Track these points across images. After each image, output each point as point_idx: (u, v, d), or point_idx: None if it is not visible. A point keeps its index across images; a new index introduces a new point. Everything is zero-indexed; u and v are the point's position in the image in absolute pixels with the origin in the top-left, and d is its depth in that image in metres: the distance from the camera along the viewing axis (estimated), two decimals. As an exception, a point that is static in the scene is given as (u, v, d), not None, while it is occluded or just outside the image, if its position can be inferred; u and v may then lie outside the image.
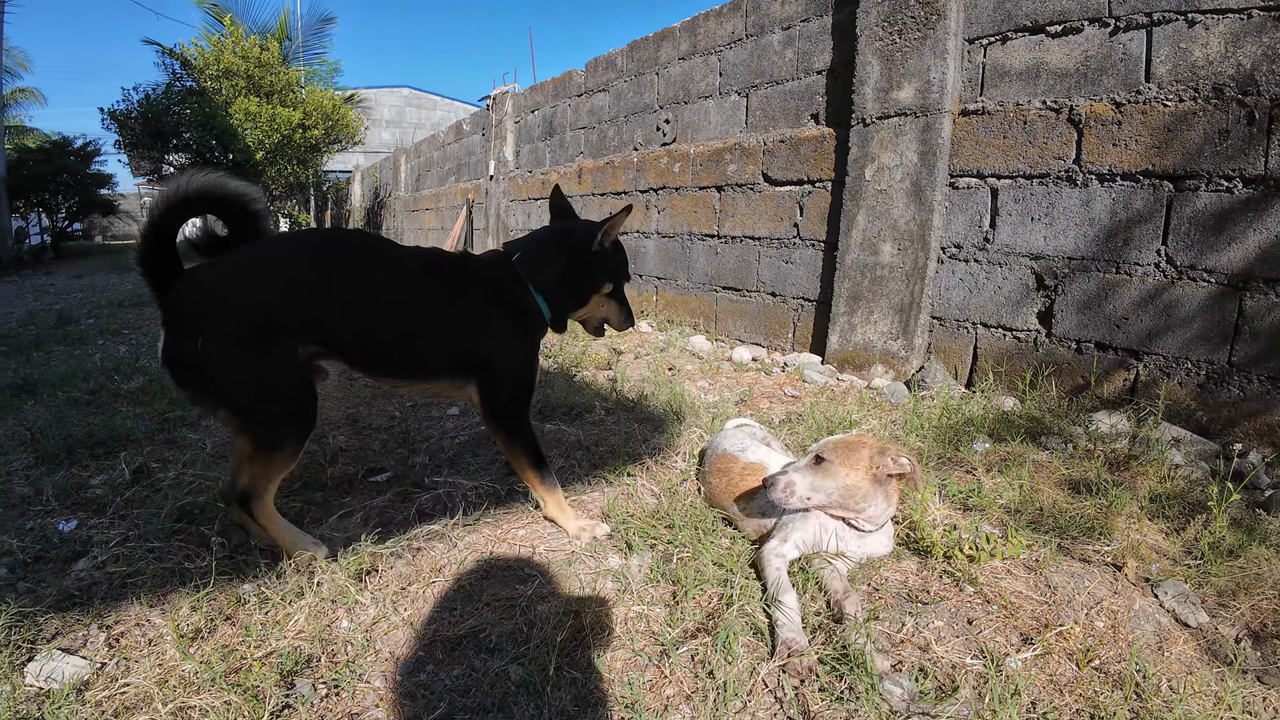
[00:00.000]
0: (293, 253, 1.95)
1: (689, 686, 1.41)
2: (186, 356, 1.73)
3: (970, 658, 1.50)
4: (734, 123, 5.07)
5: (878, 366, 3.80)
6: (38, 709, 1.33)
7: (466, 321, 2.02)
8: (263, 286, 1.80)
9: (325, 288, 1.86)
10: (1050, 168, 3.23)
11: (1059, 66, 3.21)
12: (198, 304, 1.76)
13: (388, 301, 1.94)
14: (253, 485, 1.79)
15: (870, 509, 1.81)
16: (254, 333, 1.74)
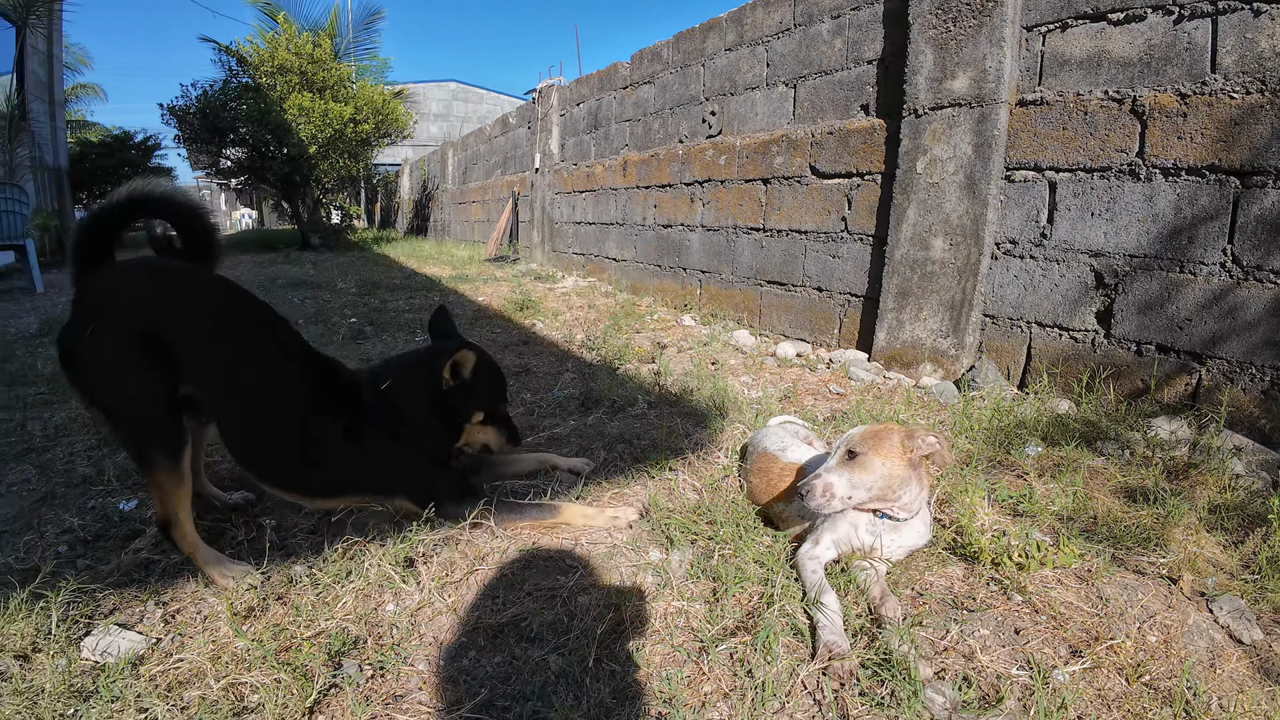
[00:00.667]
0: (212, 299, 1.89)
1: (727, 684, 1.40)
2: (71, 344, 1.73)
3: (1016, 668, 1.46)
4: (781, 114, 5.00)
5: (926, 365, 3.72)
6: (93, 682, 1.39)
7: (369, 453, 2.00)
8: (163, 309, 1.77)
9: (219, 352, 1.83)
10: (1112, 161, 3.10)
11: (1121, 55, 3.08)
12: (98, 300, 1.75)
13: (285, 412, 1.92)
14: (163, 513, 1.76)
15: (905, 495, 1.77)
16: (137, 345, 1.71)
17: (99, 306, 1.74)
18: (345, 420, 1.96)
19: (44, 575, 1.69)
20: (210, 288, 1.90)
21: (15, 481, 2.38)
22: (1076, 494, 2.20)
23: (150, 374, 1.72)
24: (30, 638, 1.50)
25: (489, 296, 6.88)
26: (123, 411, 1.73)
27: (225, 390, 1.84)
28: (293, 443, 1.92)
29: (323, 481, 1.97)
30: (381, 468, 2.00)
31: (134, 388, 1.72)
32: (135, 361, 1.70)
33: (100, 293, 1.76)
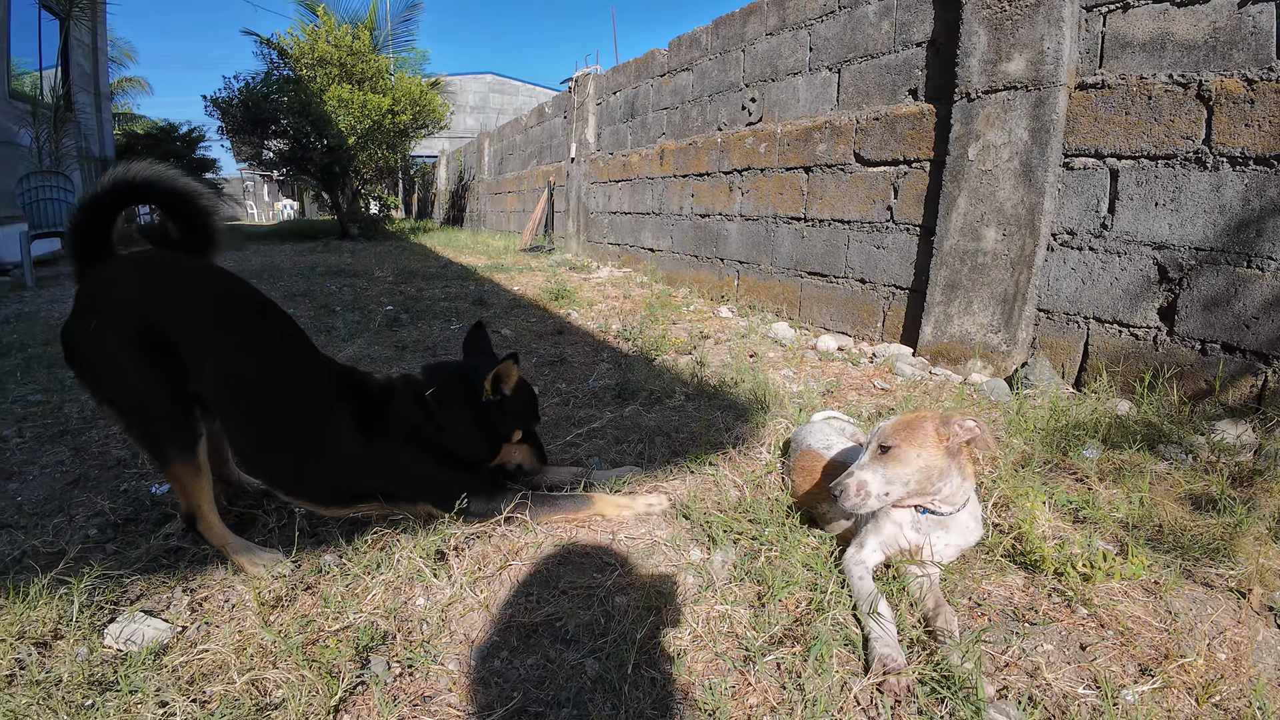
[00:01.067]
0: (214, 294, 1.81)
1: (774, 698, 1.31)
2: (74, 339, 1.68)
3: (1083, 687, 1.36)
4: (824, 100, 4.85)
5: (975, 361, 3.56)
6: (113, 672, 1.35)
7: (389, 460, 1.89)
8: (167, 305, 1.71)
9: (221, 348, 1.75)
10: (1177, 148, 2.92)
11: (1185, 38, 2.90)
12: (100, 294, 1.69)
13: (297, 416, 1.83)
14: (186, 507, 1.73)
15: (946, 487, 1.66)
16: (141, 341, 1.66)
17: (99, 301, 1.69)
18: (360, 423, 1.85)
19: (69, 560, 1.67)
20: (209, 282, 1.81)
21: (49, 464, 2.38)
22: (1142, 500, 2.06)
23: (155, 369, 1.66)
24: (52, 624, 1.47)
25: (524, 286, 6.84)
26: (132, 408, 1.68)
27: (226, 390, 1.75)
28: (301, 447, 1.83)
29: (336, 487, 1.87)
30: (403, 473, 1.90)
31: (140, 383, 1.66)
32: (139, 357, 1.65)
33: (100, 287, 1.70)
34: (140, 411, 1.68)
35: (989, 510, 1.96)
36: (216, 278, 1.82)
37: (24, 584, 1.55)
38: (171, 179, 1.77)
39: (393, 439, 1.88)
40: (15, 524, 1.96)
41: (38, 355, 3.72)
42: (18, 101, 10.09)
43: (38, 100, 10.61)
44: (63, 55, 11.72)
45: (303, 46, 15.08)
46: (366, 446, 1.84)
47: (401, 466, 1.90)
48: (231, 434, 1.85)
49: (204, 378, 1.71)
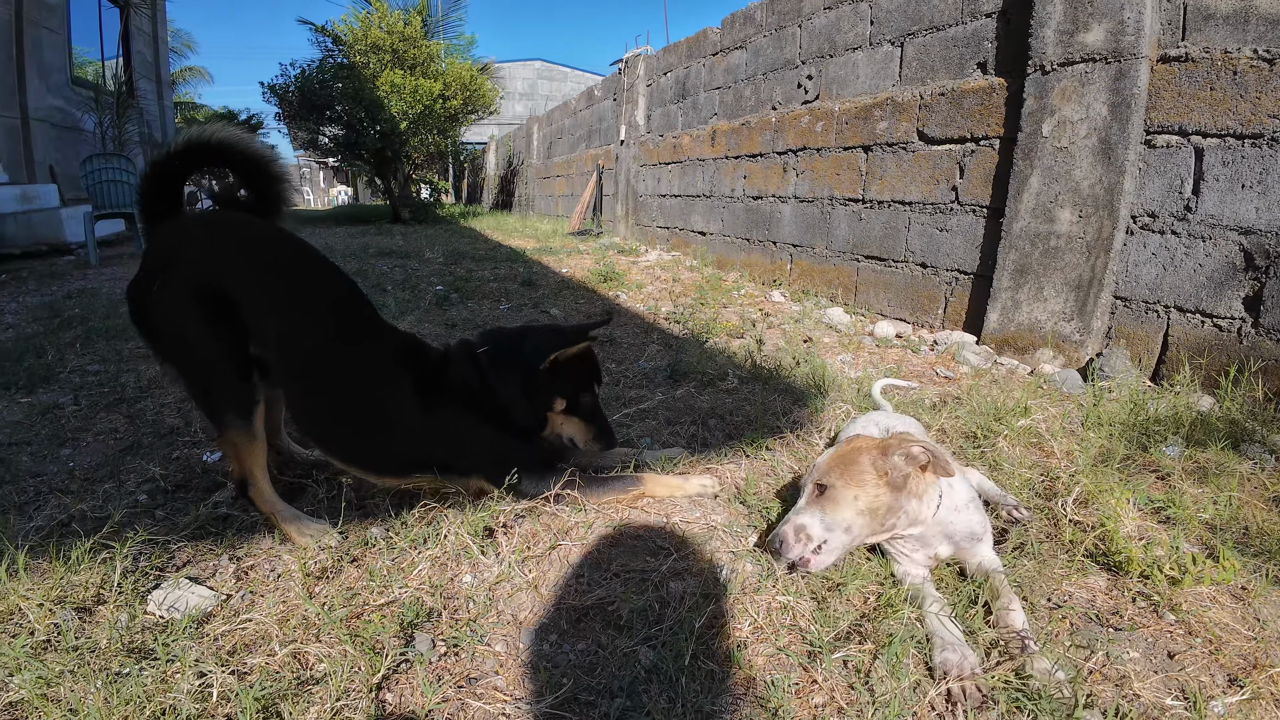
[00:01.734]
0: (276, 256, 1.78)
1: (842, 698, 1.22)
2: (139, 297, 1.68)
3: (1171, 698, 1.26)
4: (885, 76, 4.65)
5: (1045, 350, 3.37)
6: (153, 640, 1.32)
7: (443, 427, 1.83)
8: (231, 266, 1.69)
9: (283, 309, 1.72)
10: (1264, 127, 2.71)
11: (1270, 12, 2.70)
12: (167, 254, 1.69)
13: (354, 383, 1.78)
14: (238, 472, 1.71)
15: (902, 520, 1.48)
16: (205, 302, 1.64)
17: (166, 260, 1.68)
18: (420, 390, 1.81)
19: (114, 525, 1.66)
20: (277, 244, 1.79)
21: (103, 430, 2.41)
22: (1231, 501, 1.92)
23: (217, 331, 1.65)
24: (95, 589, 1.45)
25: (572, 268, 6.79)
26: (192, 370, 1.68)
27: (289, 353, 1.72)
28: (360, 414, 1.79)
29: (392, 457, 1.83)
30: (458, 445, 1.84)
31: (202, 346, 1.65)
32: (202, 319, 1.63)
33: (167, 246, 1.71)
34: (200, 374, 1.67)
35: (1069, 506, 1.83)
36: (284, 241, 1.81)
37: (68, 548, 1.54)
38: (247, 142, 1.77)
39: (450, 407, 1.82)
40: (66, 489, 1.97)
41: (98, 328, 3.81)
42: (80, 88, 10.43)
43: (100, 87, 10.96)
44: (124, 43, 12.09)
45: (356, 33, 15.26)
46: (425, 414, 1.79)
47: (457, 435, 1.84)
48: (290, 398, 1.83)
49: (266, 340, 1.69)
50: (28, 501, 1.90)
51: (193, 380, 1.69)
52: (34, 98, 9.07)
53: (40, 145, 9.18)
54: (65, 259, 7.54)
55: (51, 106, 9.53)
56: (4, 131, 8.66)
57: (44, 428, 2.43)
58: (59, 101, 9.75)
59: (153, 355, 1.74)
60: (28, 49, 8.98)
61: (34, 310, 4.51)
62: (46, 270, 6.56)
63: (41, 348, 3.36)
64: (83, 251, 7.57)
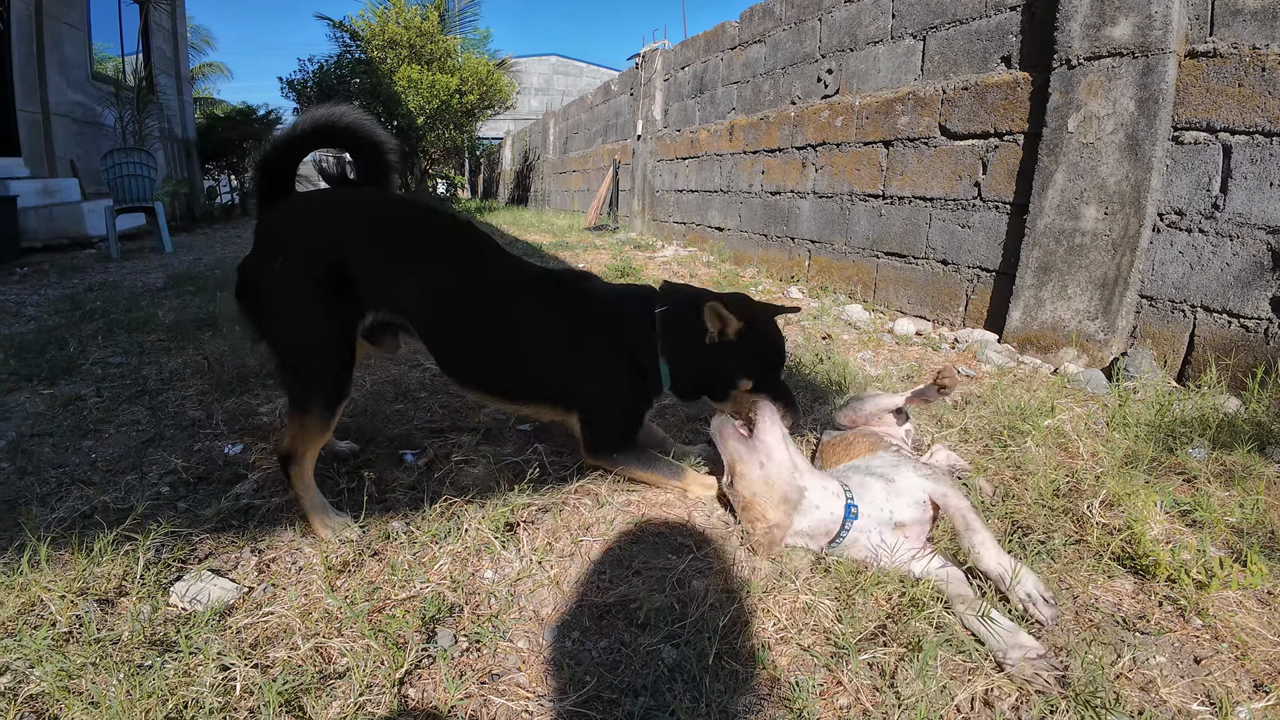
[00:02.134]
0: (409, 218, 1.84)
1: (868, 700, 1.20)
2: (251, 274, 1.70)
3: (1197, 703, 1.25)
4: (907, 70, 4.60)
5: (1069, 350, 3.33)
6: (175, 632, 1.32)
7: (576, 360, 1.89)
8: (355, 236, 1.71)
9: (425, 267, 1.77)
10: (1293, 125, 2.66)
11: None
12: (286, 230, 1.71)
13: (497, 317, 1.86)
14: (290, 448, 1.70)
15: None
16: (323, 278, 1.66)
17: (285, 238, 1.69)
18: (555, 330, 1.88)
19: (136, 517, 1.67)
20: (407, 210, 1.86)
21: (125, 422, 2.42)
22: (1257, 504, 1.88)
23: (334, 318, 1.68)
24: (117, 581, 1.46)
25: (589, 263, 6.79)
26: (296, 354, 1.69)
27: (429, 303, 1.79)
28: (497, 349, 1.88)
29: (527, 385, 1.92)
30: (572, 379, 1.89)
31: (316, 332, 1.67)
32: (320, 302, 1.66)
33: (286, 224, 1.71)
34: (304, 360, 1.69)
35: (1095, 509, 1.80)
36: (413, 205, 1.89)
37: (90, 540, 1.55)
38: (371, 126, 1.81)
39: (593, 345, 1.89)
40: (88, 480, 1.99)
41: (119, 321, 3.84)
42: (100, 83, 10.52)
43: (120, 82, 11.05)
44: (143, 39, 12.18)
45: (373, 29, 15.34)
46: (553, 349, 1.88)
47: (586, 372, 1.89)
48: (432, 342, 1.85)
49: (400, 301, 1.76)
50: (50, 493, 1.91)
51: (291, 364, 1.70)
52: (55, 93, 9.16)
53: (61, 140, 9.28)
54: (86, 252, 7.63)
55: (72, 101, 9.62)
56: (26, 126, 8.76)
57: (66, 419, 2.45)
58: (79, 96, 9.85)
59: (251, 330, 1.75)
60: (48, 44, 9.07)
61: (56, 303, 4.56)
62: (68, 263, 6.64)
63: (63, 340, 3.40)
64: (104, 245, 7.65)
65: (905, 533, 1.58)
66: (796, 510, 1.57)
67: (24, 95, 8.75)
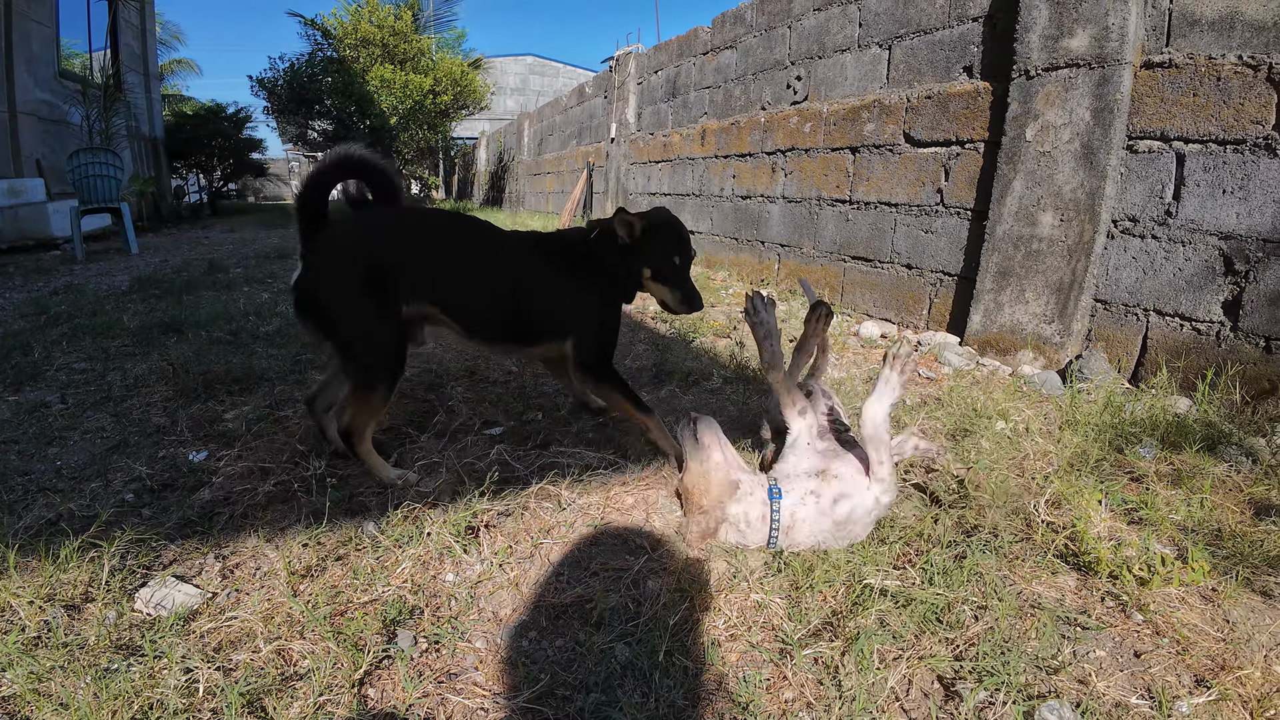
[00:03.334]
0: (422, 221, 2.31)
1: (811, 693, 1.25)
2: (309, 287, 2.02)
3: (1136, 697, 1.29)
4: (873, 78, 4.69)
5: (1026, 352, 3.42)
6: (141, 637, 1.34)
7: (567, 295, 2.26)
8: (386, 244, 2.08)
9: (441, 255, 2.14)
10: (1246, 133, 2.75)
11: (1255, 19, 2.73)
12: (331, 247, 2.05)
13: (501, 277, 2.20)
14: (351, 423, 2.02)
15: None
16: (368, 280, 2.00)
17: (333, 256, 2.04)
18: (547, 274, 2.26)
19: (102, 523, 1.68)
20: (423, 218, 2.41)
21: (90, 429, 2.41)
22: (1203, 503, 1.95)
23: (386, 309, 2.02)
24: (83, 587, 1.47)
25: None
26: (362, 344, 2.03)
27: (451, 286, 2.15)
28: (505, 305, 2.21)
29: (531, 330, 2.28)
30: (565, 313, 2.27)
31: (375, 323, 2.02)
32: (370, 298, 2.00)
33: (332, 244, 2.05)
34: (370, 348, 2.03)
35: (1041, 507, 1.87)
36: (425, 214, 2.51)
37: (57, 547, 1.56)
38: (376, 159, 2.17)
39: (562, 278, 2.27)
40: (53, 488, 1.98)
41: (85, 325, 3.80)
42: (67, 81, 10.35)
43: (87, 80, 10.87)
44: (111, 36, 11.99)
45: (346, 27, 15.22)
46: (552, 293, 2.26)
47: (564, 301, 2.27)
48: (457, 313, 2.19)
49: (428, 286, 2.11)
50: (16, 500, 1.91)
51: (357, 353, 2.03)
52: (21, 91, 9.00)
53: (27, 139, 9.11)
54: (51, 254, 7.50)
55: (39, 100, 9.46)
56: (-9, 125, 8.60)
57: (31, 426, 2.43)
58: (46, 95, 9.68)
59: (313, 336, 2.11)
60: (16, 42, 8.90)
61: (20, 306, 4.49)
62: (33, 265, 6.52)
63: (28, 345, 3.36)
64: (69, 246, 7.54)
65: (835, 473, 1.71)
66: (732, 499, 1.71)
67: (-11, 94, 8.59)
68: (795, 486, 1.71)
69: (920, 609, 1.44)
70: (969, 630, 1.41)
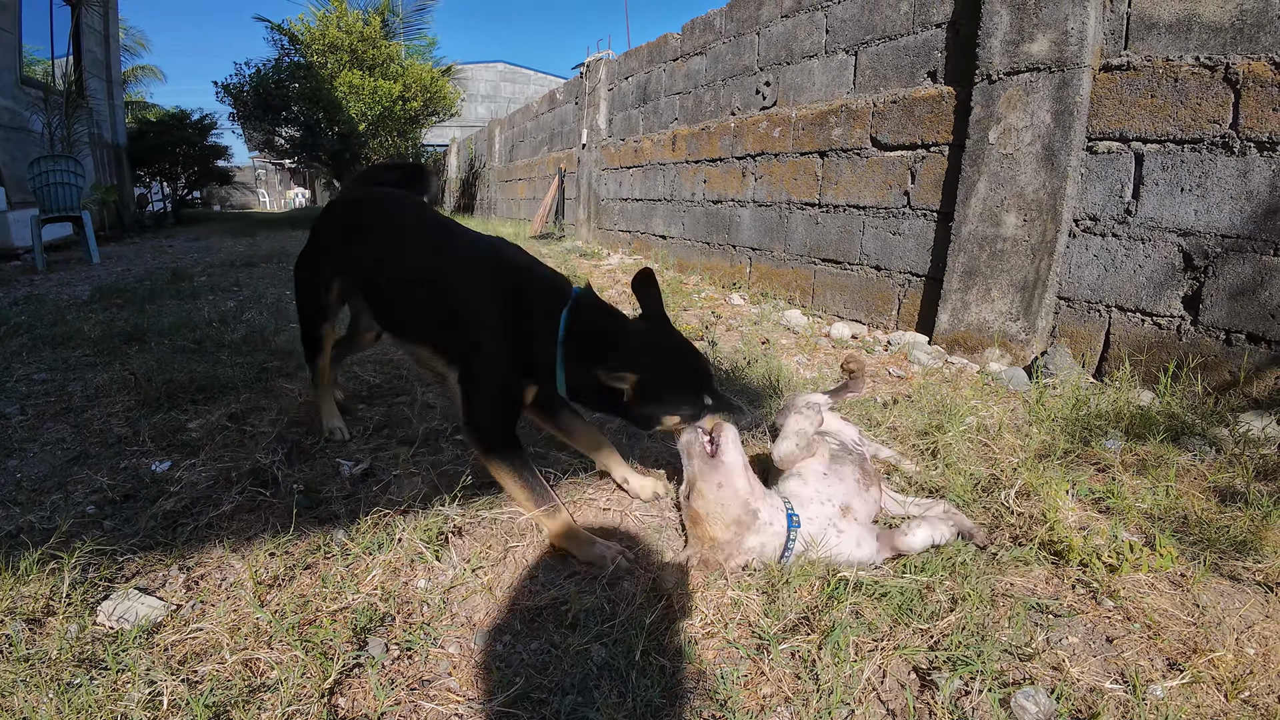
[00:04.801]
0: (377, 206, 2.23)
1: (789, 687, 1.25)
2: None
3: (1110, 682, 1.31)
4: (840, 83, 4.75)
5: (993, 350, 3.48)
6: (104, 650, 1.31)
7: (462, 311, 1.82)
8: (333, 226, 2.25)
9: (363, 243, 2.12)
10: (1204, 132, 2.83)
11: (1212, 20, 2.81)
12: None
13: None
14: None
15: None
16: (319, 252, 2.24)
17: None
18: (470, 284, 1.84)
19: (63, 535, 1.63)
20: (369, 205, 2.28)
21: (50, 441, 2.35)
22: (1169, 491, 2.00)
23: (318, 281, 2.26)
24: (44, 600, 1.43)
25: (533, 273, 6.77)
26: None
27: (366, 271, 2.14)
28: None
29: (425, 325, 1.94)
30: (468, 338, 1.79)
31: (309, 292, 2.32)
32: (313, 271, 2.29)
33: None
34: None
35: (1010, 499, 1.89)
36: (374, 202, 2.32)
37: (16, 559, 1.51)
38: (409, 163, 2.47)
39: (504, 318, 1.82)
40: (13, 500, 1.92)
41: (44, 336, 3.70)
42: (29, 88, 10.09)
43: (49, 86, 10.62)
44: (75, 41, 11.72)
45: (314, 32, 15.04)
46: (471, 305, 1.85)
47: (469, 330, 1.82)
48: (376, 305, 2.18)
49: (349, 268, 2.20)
50: (-27, 513, 1.85)
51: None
52: (-19, 98, 8.76)
53: (-14, 147, 8.87)
54: (11, 264, 7.30)
55: (0, 107, 9.21)
56: (-51, 133, 8.35)
57: (-12, 438, 2.36)
58: (7, 101, 9.42)
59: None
60: (-25, 48, 8.66)
61: (-24, 317, 4.36)
62: (-10, 276, 6.35)
63: (-16, 356, 3.26)
64: (29, 256, 7.33)
65: (854, 514, 1.65)
66: (749, 530, 1.57)
67: (-51, 101, 8.34)
68: (814, 514, 1.62)
69: (895, 600, 1.45)
70: (943, 620, 1.42)
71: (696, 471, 1.64)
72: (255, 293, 5.37)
